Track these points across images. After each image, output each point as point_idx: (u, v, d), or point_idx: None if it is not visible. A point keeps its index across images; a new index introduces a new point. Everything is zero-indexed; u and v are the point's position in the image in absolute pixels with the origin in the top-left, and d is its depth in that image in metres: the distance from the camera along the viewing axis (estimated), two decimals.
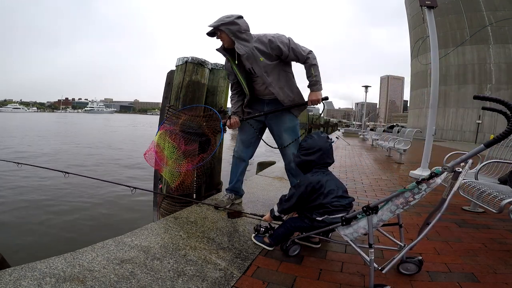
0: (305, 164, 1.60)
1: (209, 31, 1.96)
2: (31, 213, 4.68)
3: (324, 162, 1.58)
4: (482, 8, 23.04)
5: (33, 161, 9.16)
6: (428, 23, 4.34)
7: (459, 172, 1.15)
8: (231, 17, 1.91)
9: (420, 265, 1.41)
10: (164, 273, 1.28)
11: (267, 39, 1.94)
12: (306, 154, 1.58)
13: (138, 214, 4.59)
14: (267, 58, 1.96)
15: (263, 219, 1.73)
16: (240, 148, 2.26)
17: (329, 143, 1.61)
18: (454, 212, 2.55)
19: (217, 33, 1.95)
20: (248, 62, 1.99)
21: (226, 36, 1.94)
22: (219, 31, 1.93)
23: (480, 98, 1.20)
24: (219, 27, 1.89)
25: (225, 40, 1.97)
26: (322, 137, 1.61)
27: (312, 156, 1.56)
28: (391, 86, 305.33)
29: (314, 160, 1.56)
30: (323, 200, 1.48)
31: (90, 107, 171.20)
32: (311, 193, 1.50)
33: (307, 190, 1.49)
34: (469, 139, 23.53)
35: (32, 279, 1.08)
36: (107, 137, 19.85)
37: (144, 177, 7.43)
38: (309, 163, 1.58)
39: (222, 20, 1.89)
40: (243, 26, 1.93)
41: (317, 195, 1.49)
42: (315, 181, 1.50)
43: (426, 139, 4.46)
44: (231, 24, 1.89)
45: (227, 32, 1.90)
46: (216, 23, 1.90)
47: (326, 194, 1.48)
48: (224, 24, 1.89)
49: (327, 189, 1.49)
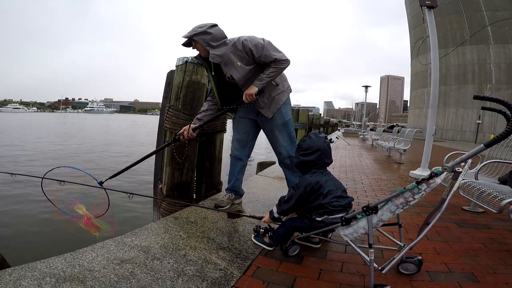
0: (303, 165, 1.60)
1: (184, 42, 1.94)
2: (31, 213, 4.68)
3: (322, 162, 1.58)
4: (482, 8, 23.04)
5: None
6: (428, 23, 4.34)
7: (459, 172, 1.15)
8: (204, 26, 1.88)
9: (420, 265, 1.41)
10: (164, 273, 1.28)
11: (240, 42, 1.91)
12: (304, 155, 1.58)
13: (138, 214, 4.59)
14: (243, 62, 1.93)
15: (263, 220, 1.72)
16: (236, 147, 2.26)
17: (327, 143, 1.61)
18: (454, 212, 2.55)
19: (192, 43, 1.94)
20: (226, 68, 1.95)
21: (200, 46, 1.92)
22: (193, 41, 1.91)
23: (480, 98, 1.19)
24: (192, 38, 1.88)
25: (201, 50, 1.96)
26: (320, 137, 1.61)
27: (311, 156, 1.56)
28: (391, 86, 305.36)
29: (313, 160, 1.56)
30: (322, 200, 1.48)
31: (90, 107, 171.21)
32: (310, 194, 1.49)
33: (306, 191, 1.49)
34: (469, 139, 23.53)
35: (32, 279, 1.08)
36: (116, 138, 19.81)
37: (145, 179, 7.42)
38: (308, 163, 1.57)
39: (194, 31, 1.88)
40: (217, 34, 1.90)
41: (316, 196, 1.49)
42: (314, 181, 1.50)
43: (426, 139, 4.47)
44: (203, 34, 1.87)
45: (200, 42, 1.88)
46: (189, 33, 1.88)
47: (325, 195, 1.48)
48: (197, 34, 1.87)
49: (326, 189, 1.49)
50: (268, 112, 2.09)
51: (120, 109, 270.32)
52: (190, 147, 2.60)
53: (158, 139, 3.02)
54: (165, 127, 2.63)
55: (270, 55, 1.90)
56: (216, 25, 1.94)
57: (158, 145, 2.98)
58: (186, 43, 1.96)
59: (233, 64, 1.93)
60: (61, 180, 2.02)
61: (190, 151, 2.59)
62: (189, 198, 2.68)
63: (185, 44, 1.96)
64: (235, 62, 1.92)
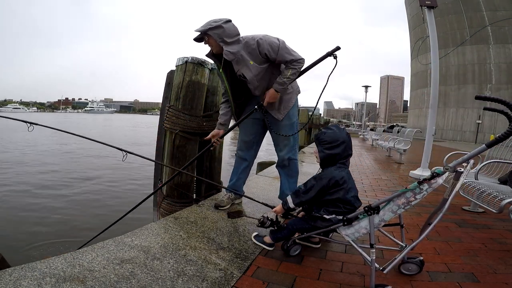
0: (329, 158, 1.53)
1: (196, 36, 1.88)
2: (30, 213, 4.68)
3: (347, 154, 1.54)
4: (482, 8, 23.05)
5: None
6: (428, 23, 4.34)
7: (461, 172, 1.15)
8: (219, 21, 1.83)
9: (421, 265, 1.41)
10: (164, 273, 1.28)
11: (255, 41, 1.86)
12: (330, 148, 1.51)
13: (137, 214, 4.58)
14: (256, 61, 1.89)
15: (274, 210, 1.65)
16: (242, 148, 2.25)
17: (349, 134, 1.58)
18: (454, 212, 2.55)
19: (205, 38, 1.88)
20: (238, 66, 1.91)
21: (214, 41, 1.86)
22: (207, 36, 1.85)
23: (481, 98, 1.19)
24: (206, 32, 1.82)
25: (213, 45, 1.89)
26: (342, 129, 1.56)
27: (337, 149, 1.50)
28: (391, 86, 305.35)
29: (339, 153, 1.51)
30: (343, 196, 1.44)
31: (90, 107, 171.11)
32: (332, 187, 1.46)
33: (329, 184, 1.45)
34: (469, 139, 23.54)
35: (32, 279, 1.07)
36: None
37: (146, 177, 7.42)
38: (334, 156, 1.51)
39: (209, 25, 1.82)
40: (231, 30, 1.85)
41: (337, 190, 1.45)
42: (339, 176, 1.46)
43: (426, 139, 4.47)
44: (218, 28, 1.81)
45: (215, 37, 1.83)
46: (203, 27, 1.82)
47: (348, 190, 1.46)
48: (212, 28, 1.81)
49: (349, 185, 1.47)
50: (278, 114, 2.07)
51: (120, 109, 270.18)
52: (190, 146, 2.60)
53: (158, 139, 3.02)
54: (165, 127, 2.62)
55: (287, 55, 1.87)
56: (230, 21, 1.88)
57: (158, 145, 2.98)
58: (198, 38, 1.89)
59: (246, 62, 1.88)
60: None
61: (190, 151, 2.58)
62: (189, 198, 2.68)
63: (197, 39, 1.90)
64: (247, 60, 1.88)
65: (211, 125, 2.56)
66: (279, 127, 2.13)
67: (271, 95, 1.94)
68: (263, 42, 1.85)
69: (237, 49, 1.86)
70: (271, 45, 1.85)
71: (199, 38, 1.90)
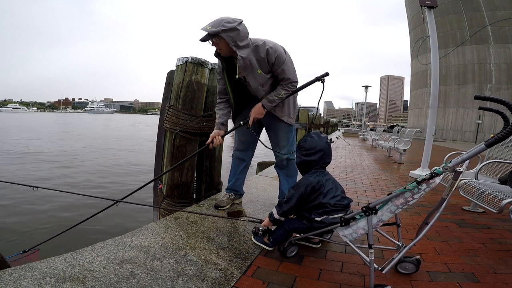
0: (305, 164, 1.60)
1: (203, 37, 1.68)
2: (30, 213, 4.68)
3: (324, 162, 1.58)
4: (482, 8, 23.06)
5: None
6: (428, 23, 4.34)
7: (460, 172, 1.15)
8: (233, 22, 1.66)
9: (418, 264, 1.41)
10: (164, 273, 1.28)
11: (265, 49, 1.76)
12: (307, 155, 1.57)
13: (138, 214, 4.58)
14: (264, 70, 1.82)
15: (262, 224, 1.67)
16: (239, 148, 2.25)
17: (329, 143, 1.62)
18: (454, 212, 2.54)
19: (214, 39, 1.70)
20: (244, 72, 1.83)
21: (225, 44, 1.70)
22: (218, 37, 1.68)
23: (481, 98, 1.19)
24: (219, 34, 1.64)
25: (223, 48, 1.74)
26: (322, 138, 1.60)
27: (313, 156, 1.56)
28: (391, 86, 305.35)
29: (315, 160, 1.56)
30: (323, 199, 1.48)
31: (90, 107, 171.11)
32: (311, 193, 1.49)
33: (307, 190, 1.49)
34: (469, 139, 23.55)
35: (32, 279, 1.08)
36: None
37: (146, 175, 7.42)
38: (310, 163, 1.57)
39: (223, 26, 1.63)
40: (244, 33, 1.72)
41: (317, 195, 1.49)
42: (315, 181, 1.50)
43: (426, 139, 4.47)
44: (232, 30, 1.65)
45: (227, 40, 1.66)
46: (216, 29, 1.63)
47: (326, 194, 1.49)
48: (225, 30, 1.64)
49: (327, 188, 1.50)
50: (289, 119, 2.06)
51: (120, 109, 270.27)
52: (190, 146, 2.60)
53: (158, 139, 3.02)
54: (165, 127, 2.63)
55: (288, 73, 1.83)
56: (242, 22, 1.73)
57: (159, 145, 2.98)
58: (204, 38, 1.70)
59: (253, 70, 1.81)
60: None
61: (190, 151, 2.59)
62: (189, 198, 2.68)
63: (203, 39, 1.70)
64: (255, 68, 1.80)
65: (211, 125, 2.56)
66: (277, 127, 2.13)
67: (258, 111, 1.90)
68: (272, 51, 1.78)
69: (247, 54, 1.75)
70: (278, 57, 1.79)
71: (205, 39, 1.74)
